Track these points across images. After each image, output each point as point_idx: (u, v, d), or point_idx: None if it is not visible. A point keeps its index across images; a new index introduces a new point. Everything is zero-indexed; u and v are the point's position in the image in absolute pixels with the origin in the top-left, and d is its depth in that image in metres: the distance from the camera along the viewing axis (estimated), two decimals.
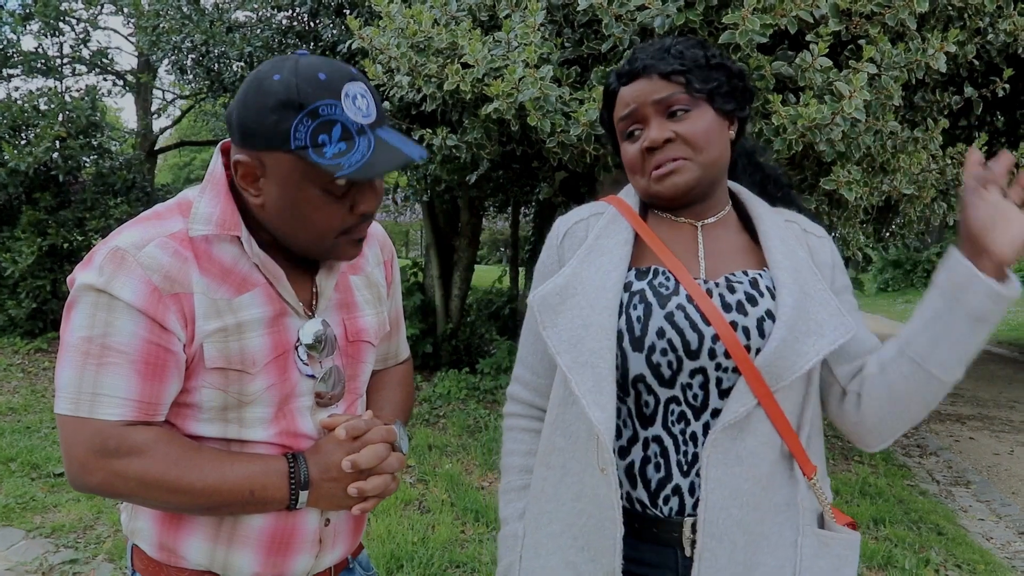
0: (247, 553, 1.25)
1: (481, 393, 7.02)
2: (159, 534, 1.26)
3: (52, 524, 3.97)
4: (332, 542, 1.33)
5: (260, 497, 1.19)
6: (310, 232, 1.20)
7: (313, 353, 1.27)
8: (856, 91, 3.49)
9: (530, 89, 3.76)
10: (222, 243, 1.21)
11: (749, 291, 1.28)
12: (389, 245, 1.53)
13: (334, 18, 7.15)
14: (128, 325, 1.12)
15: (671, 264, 1.31)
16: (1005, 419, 7.94)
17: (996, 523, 4.89)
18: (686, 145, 1.29)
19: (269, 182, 1.16)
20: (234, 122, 1.17)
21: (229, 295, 1.20)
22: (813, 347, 1.21)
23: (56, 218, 8.95)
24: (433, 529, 4.04)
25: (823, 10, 3.53)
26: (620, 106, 1.35)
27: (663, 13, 3.62)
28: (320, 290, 1.30)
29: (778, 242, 1.32)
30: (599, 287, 1.29)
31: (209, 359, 1.18)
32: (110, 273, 1.13)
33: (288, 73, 1.12)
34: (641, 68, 1.31)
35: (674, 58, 1.30)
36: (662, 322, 1.26)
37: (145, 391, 1.15)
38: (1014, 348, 14.14)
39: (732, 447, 1.22)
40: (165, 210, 1.23)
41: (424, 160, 1.24)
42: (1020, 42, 4.24)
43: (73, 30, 13.94)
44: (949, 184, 4.87)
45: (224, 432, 1.22)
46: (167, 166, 37.51)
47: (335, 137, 1.12)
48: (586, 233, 1.40)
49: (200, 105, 16.56)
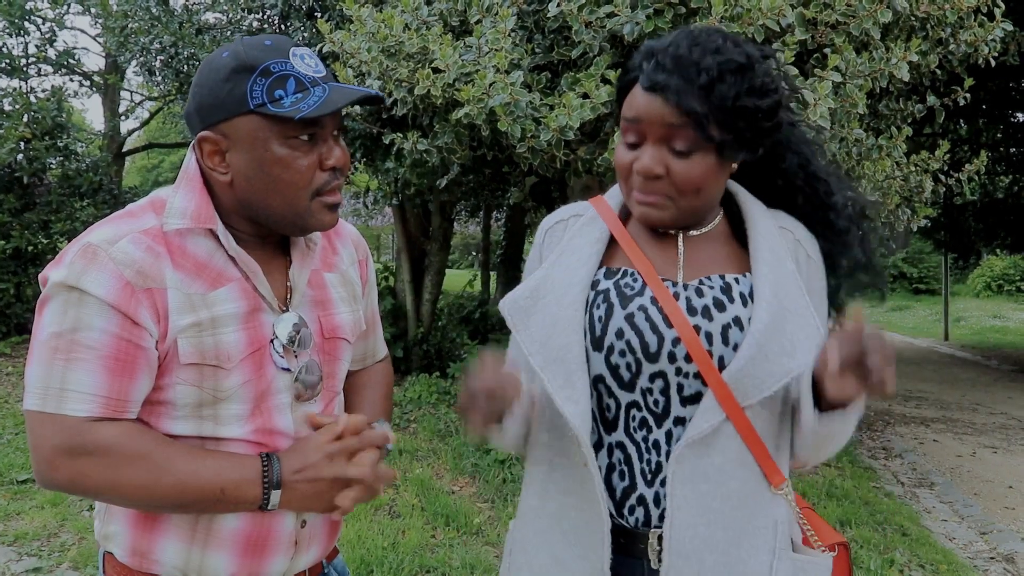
0: (222, 555, 1.24)
1: (452, 398, 7.01)
2: (132, 538, 1.25)
3: (15, 532, 3.90)
4: (308, 544, 1.33)
5: (231, 496, 1.18)
6: (283, 195, 1.20)
7: (289, 347, 1.27)
8: (821, 99, 3.55)
9: (500, 94, 3.77)
10: (197, 237, 1.22)
11: (719, 296, 1.25)
12: (363, 245, 1.53)
13: (305, 21, 7.12)
14: (98, 321, 1.12)
15: (640, 265, 1.29)
16: (968, 422, 8.08)
17: (959, 524, 4.98)
18: (673, 187, 1.22)
19: (235, 152, 1.19)
20: (191, 109, 1.21)
21: (203, 290, 1.20)
22: (783, 367, 1.20)
23: (20, 220, 8.80)
24: (403, 534, 4.03)
25: (789, 19, 3.58)
26: (628, 105, 1.24)
27: (632, 20, 3.65)
28: (294, 284, 1.31)
29: (767, 251, 1.27)
30: (567, 284, 1.28)
31: (183, 354, 1.17)
32: (81, 268, 1.13)
33: (235, 47, 1.18)
34: (664, 85, 1.17)
35: (701, 89, 1.16)
36: (622, 322, 1.25)
37: (113, 387, 1.14)
38: (977, 352, 14.39)
39: (699, 464, 1.20)
40: (138, 208, 1.24)
41: (380, 100, 1.26)
42: (981, 52, 4.33)
43: (39, 29, 13.71)
44: (913, 191, 4.96)
45: (199, 430, 1.21)
46: (135, 168, 37.00)
47: (290, 90, 1.16)
48: (564, 233, 1.38)
49: (169, 107, 16.36)
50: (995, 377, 11.49)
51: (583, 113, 3.66)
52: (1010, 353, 14.22)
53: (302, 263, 1.32)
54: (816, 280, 1.32)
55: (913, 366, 12.47)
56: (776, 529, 1.25)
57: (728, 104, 1.17)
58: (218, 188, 1.23)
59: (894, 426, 7.80)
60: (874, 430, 7.59)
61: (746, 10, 3.55)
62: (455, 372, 7.39)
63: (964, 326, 18.60)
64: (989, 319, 19.48)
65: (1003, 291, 24.06)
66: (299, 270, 1.31)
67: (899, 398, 9.39)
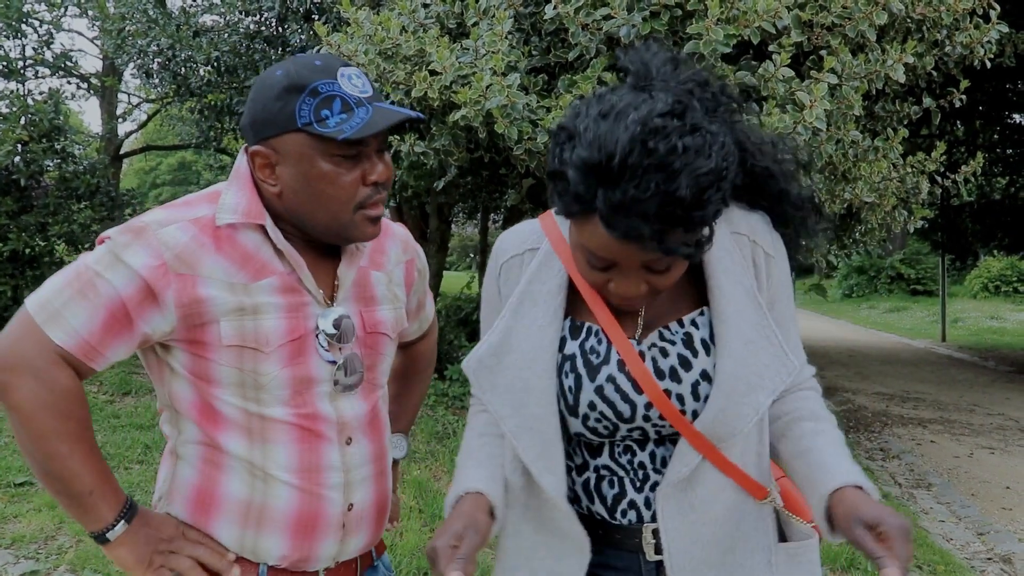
0: (275, 536, 1.32)
1: (450, 399, 7.01)
2: (189, 520, 1.32)
3: (12, 535, 3.90)
4: (356, 527, 1.39)
5: (91, 502, 1.22)
6: (328, 208, 1.28)
7: (332, 340, 1.33)
8: (817, 101, 3.56)
9: (497, 97, 3.78)
10: (247, 231, 1.29)
11: (682, 352, 1.24)
12: (412, 245, 1.60)
13: (302, 24, 7.13)
14: (119, 280, 1.21)
15: (604, 321, 1.25)
16: (965, 422, 8.09)
17: (956, 524, 4.99)
18: (653, 293, 1.18)
19: (284, 166, 1.26)
20: (247, 122, 1.28)
21: (247, 279, 1.27)
22: (752, 404, 1.20)
23: (18, 223, 8.77)
24: (401, 536, 4.03)
25: (785, 21, 3.59)
26: (592, 241, 1.10)
27: (629, 23, 3.66)
28: (341, 280, 1.38)
29: (723, 277, 1.23)
30: (536, 347, 1.25)
31: (225, 336, 1.25)
32: (126, 241, 1.22)
33: (287, 66, 1.26)
34: (638, 236, 1.03)
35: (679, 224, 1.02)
36: (592, 396, 1.24)
37: (96, 335, 1.21)
38: (974, 353, 14.41)
39: (684, 498, 1.23)
40: (195, 198, 1.33)
41: (421, 120, 1.33)
42: (976, 54, 4.35)
43: (36, 32, 13.73)
44: (909, 192, 4.97)
45: (244, 405, 1.29)
46: (133, 170, 37.02)
47: (336, 110, 1.23)
48: (520, 271, 1.33)
49: (166, 109, 16.35)
50: (992, 378, 11.50)
51: None
52: (1007, 354, 14.23)
53: (350, 262, 1.39)
54: (777, 274, 1.29)
55: (910, 367, 12.49)
56: (767, 528, 1.30)
57: (709, 219, 1.06)
58: (268, 195, 1.30)
59: (891, 427, 7.81)
60: (871, 431, 7.60)
61: (742, 12, 3.56)
62: (453, 374, 7.39)
63: (961, 327, 18.62)
64: (986, 320, 19.49)
65: (1000, 292, 24.07)
66: (347, 268, 1.38)
67: (896, 399, 9.40)
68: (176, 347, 1.28)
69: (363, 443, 1.39)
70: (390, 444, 1.50)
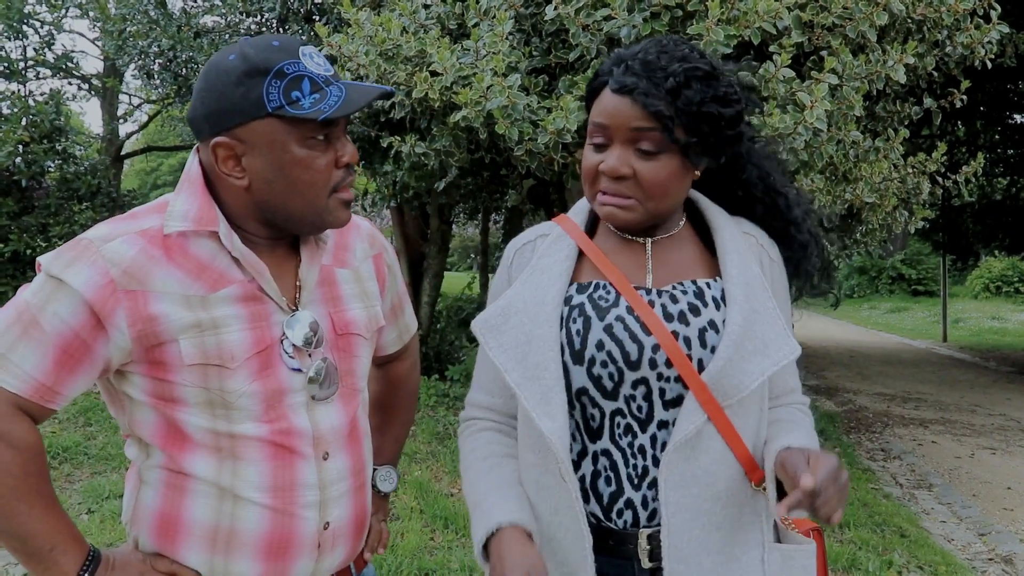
0: (246, 560, 1.25)
1: (451, 400, 7.02)
2: (155, 546, 1.26)
3: None
4: (332, 545, 1.33)
5: (51, 558, 1.16)
6: (304, 195, 1.21)
7: (300, 347, 1.27)
8: (818, 101, 3.56)
9: (498, 97, 3.78)
10: (200, 239, 1.21)
11: (693, 301, 1.28)
12: (379, 239, 1.52)
13: (303, 24, 7.13)
14: (64, 310, 1.13)
15: (612, 276, 1.31)
16: (966, 423, 8.09)
17: (957, 525, 4.98)
18: (639, 188, 1.25)
19: (252, 156, 1.18)
20: (199, 115, 1.19)
21: (204, 291, 1.19)
22: (758, 367, 1.24)
23: (19, 224, 8.79)
24: (402, 536, 4.03)
25: (786, 22, 3.59)
26: (597, 111, 1.27)
27: (629, 23, 3.66)
28: (303, 282, 1.31)
29: (735, 255, 1.31)
30: (539, 302, 1.30)
31: (186, 355, 1.17)
32: (68, 260, 1.14)
33: (241, 49, 1.17)
34: (632, 87, 1.21)
35: (668, 93, 1.20)
36: (601, 334, 1.27)
37: (50, 375, 1.14)
38: (975, 353, 14.41)
39: (687, 467, 1.23)
40: (142, 211, 1.25)
41: (392, 94, 1.26)
42: (977, 54, 4.35)
43: (37, 33, 13.75)
44: (910, 193, 4.98)
45: (214, 425, 1.22)
46: (134, 171, 37.03)
47: (307, 91, 1.16)
48: (532, 254, 1.40)
49: (167, 110, 16.37)
50: (993, 378, 11.50)
51: (580, 116, 3.67)
52: (1008, 354, 14.24)
53: (311, 260, 1.32)
54: (779, 281, 1.38)
55: (912, 368, 12.49)
56: (762, 523, 1.30)
57: (693, 108, 1.21)
58: (232, 192, 1.22)
59: (893, 427, 7.81)
60: (873, 432, 7.60)
61: (743, 13, 3.56)
62: (453, 374, 7.40)
63: (962, 327, 18.62)
64: (987, 320, 19.49)
65: (1001, 292, 24.08)
66: (308, 267, 1.31)
67: (898, 399, 9.40)
68: (134, 374, 1.20)
69: (340, 457, 1.32)
70: (371, 463, 1.45)
